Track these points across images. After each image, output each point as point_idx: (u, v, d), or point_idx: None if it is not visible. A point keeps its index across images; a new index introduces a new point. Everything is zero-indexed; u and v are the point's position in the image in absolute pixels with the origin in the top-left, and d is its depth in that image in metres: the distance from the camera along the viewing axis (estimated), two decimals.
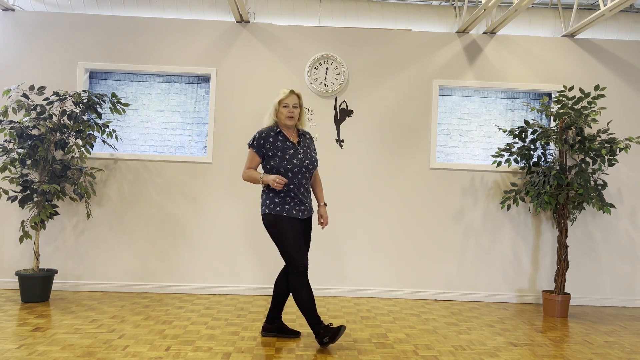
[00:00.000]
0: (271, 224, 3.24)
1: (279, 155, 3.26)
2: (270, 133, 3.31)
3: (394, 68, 5.00)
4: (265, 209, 3.28)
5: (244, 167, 3.36)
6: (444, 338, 3.58)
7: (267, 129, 3.34)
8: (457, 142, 5.10)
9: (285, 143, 3.30)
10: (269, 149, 3.28)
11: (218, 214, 4.86)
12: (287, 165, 3.24)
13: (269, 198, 3.27)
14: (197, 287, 4.81)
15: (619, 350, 3.46)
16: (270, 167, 3.28)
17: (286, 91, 3.33)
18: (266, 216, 3.27)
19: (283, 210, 3.24)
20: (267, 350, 3.18)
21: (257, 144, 3.30)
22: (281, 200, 3.25)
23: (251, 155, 3.33)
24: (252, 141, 3.32)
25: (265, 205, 3.28)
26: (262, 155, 3.30)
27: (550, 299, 4.45)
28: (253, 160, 3.32)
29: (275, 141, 3.28)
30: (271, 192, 3.28)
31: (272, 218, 3.24)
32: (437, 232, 4.95)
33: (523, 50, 5.06)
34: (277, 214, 3.23)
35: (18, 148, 4.29)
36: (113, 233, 4.81)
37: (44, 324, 3.60)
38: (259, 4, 4.98)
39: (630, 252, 4.99)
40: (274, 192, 3.27)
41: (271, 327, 3.47)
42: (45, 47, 4.87)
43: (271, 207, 3.25)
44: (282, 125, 3.34)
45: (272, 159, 3.26)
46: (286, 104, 3.30)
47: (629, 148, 4.38)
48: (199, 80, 5.01)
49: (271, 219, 3.24)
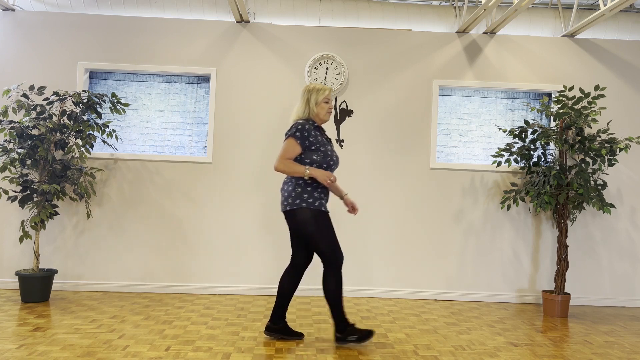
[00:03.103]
0: (310, 219, 3.13)
1: (322, 151, 3.20)
2: (312, 126, 3.23)
3: (394, 68, 5.01)
4: (301, 203, 3.13)
5: (278, 157, 3.16)
6: (444, 338, 3.58)
7: (306, 122, 3.22)
8: (457, 142, 5.10)
9: (323, 138, 3.27)
10: (313, 143, 3.18)
11: (218, 214, 4.86)
12: (330, 161, 3.22)
13: (307, 192, 3.16)
14: (197, 287, 4.81)
15: (619, 350, 3.46)
16: (311, 161, 3.18)
17: (327, 87, 3.29)
18: (302, 211, 3.13)
19: (322, 205, 3.18)
20: (267, 350, 3.18)
21: (301, 135, 3.15)
22: (319, 195, 3.18)
23: (292, 145, 3.16)
24: (294, 131, 3.16)
25: (302, 199, 3.14)
26: (304, 148, 3.18)
27: (550, 299, 4.46)
28: (293, 151, 3.16)
29: (316, 135, 3.22)
30: (309, 187, 3.17)
31: (312, 213, 3.14)
32: (437, 232, 4.95)
33: (523, 50, 5.06)
34: (316, 208, 3.15)
35: (18, 148, 4.29)
36: (113, 233, 4.81)
37: (44, 324, 3.60)
38: (259, 4, 4.98)
39: (630, 252, 4.99)
40: (312, 186, 3.17)
41: (276, 327, 3.39)
42: (45, 47, 4.87)
43: (309, 201, 3.15)
44: (319, 120, 3.29)
45: (315, 153, 3.19)
46: (328, 100, 3.28)
47: (629, 148, 4.39)
48: (199, 80, 5.01)
49: (310, 214, 3.13)
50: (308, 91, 3.28)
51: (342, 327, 3.25)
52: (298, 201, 3.15)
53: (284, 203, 3.21)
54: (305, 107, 3.27)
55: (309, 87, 3.30)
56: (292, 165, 3.15)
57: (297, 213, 3.15)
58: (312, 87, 3.29)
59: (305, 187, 3.17)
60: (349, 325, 3.27)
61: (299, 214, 3.15)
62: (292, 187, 3.20)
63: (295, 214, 3.16)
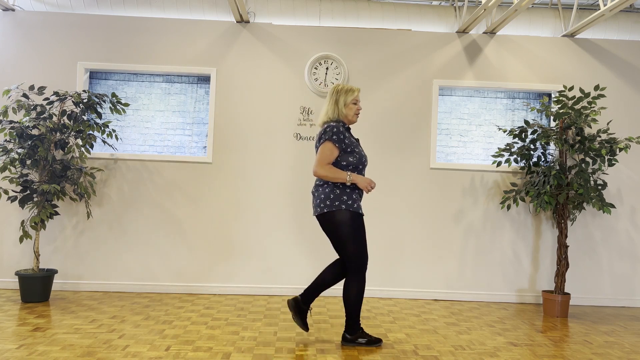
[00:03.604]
0: (349, 221, 3.12)
1: (357, 152, 3.19)
2: (344, 128, 3.21)
3: (394, 68, 5.01)
4: (341, 205, 3.11)
5: (317, 162, 3.13)
6: (444, 338, 3.58)
7: (338, 124, 3.19)
8: (457, 142, 5.10)
9: (354, 139, 3.27)
10: (348, 145, 3.17)
11: (218, 214, 4.85)
12: (364, 162, 3.23)
13: (346, 194, 3.14)
14: (197, 287, 4.81)
15: (619, 350, 3.46)
16: (347, 163, 3.16)
17: (356, 88, 3.27)
18: (342, 212, 3.12)
19: (359, 208, 3.18)
20: (267, 350, 3.18)
21: (338, 138, 3.13)
22: (357, 197, 3.18)
23: (330, 149, 3.13)
24: (331, 135, 3.12)
25: (341, 201, 3.12)
26: (341, 150, 3.15)
27: (550, 299, 4.45)
28: (332, 155, 3.13)
29: (350, 137, 3.22)
30: (347, 188, 3.16)
31: (350, 215, 3.12)
32: (437, 232, 4.95)
33: (523, 50, 5.06)
34: (355, 211, 3.14)
35: (18, 148, 4.29)
36: (113, 233, 4.81)
37: (44, 324, 3.60)
38: (259, 4, 4.98)
39: (630, 252, 4.99)
40: (350, 188, 3.17)
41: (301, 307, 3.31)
42: (45, 47, 4.87)
43: (349, 203, 3.13)
44: (347, 121, 3.28)
45: (351, 155, 3.17)
46: (356, 101, 3.26)
47: (629, 148, 4.38)
48: (199, 80, 5.01)
49: (349, 215, 3.12)
50: (337, 92, 3.25)
51: (353, 331, 3.27)
52: (337, 203, 3.13)
53: (321, 205, 3.17)
54: (335, 108, 3.24)
55: (337, 87, 3.27)
56: (335, 172, 3.13)
57: (337, 214, 3.13)
58: (340, 88, 3.26)
59: (343, 189, 3.16)
60: (361, 329, 3.29)
61: (338, 215, 3.13)
62: (329, 189, 3.16)
63: (335, 216, 3.13)
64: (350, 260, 3.17)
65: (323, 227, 3.22)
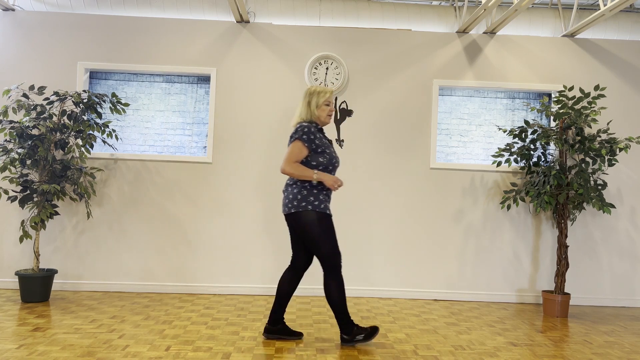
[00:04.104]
0: (315, 221, 3.14)
1: (327, 153, 3.22)
2: (316, 128, 3.24)
3: (394, 68, 5.01)
4: (307, 205, 3.14)
5: (285, 160, 3.16)
6: (444, 338, 3.58)
7: (310, 124, 3.23)
8: (457, 142, 5.10)
9: (327, 140, 3.29)
10: (319, 145, 3.19)
11: (218, 214, 4.86)
12: (335, 163, 3.25)
13: (312, 194, 3.17)
14: (197, 287, 4.81)
15: (619, 350, 3.46)
16: (317, 163, 3.19)
17: (328, 89, 3.30)
18: (308, 213, 3.14)
19: (327, 208, 3.19)
20: (267, 350, 3.18)
21: (308, 138, 3.16)
22: (324, 198, 3.19)
23: (299, 147, 3.16)
24: (301, 134, 3.16)
25: (308, 201, 3.14)
26: (310, 150, 3.18)
27: (550, 299, 4.45)
28: (300, 154, 3.16)
29: (321, 138, 3.24)
30: (315, 189, 3.18)
31: (317, 216, 3.14)
32: (437, 232, 4.95)
33: (523, 50, 5.06)
34: (321, 211, 3.16)
35: (18, 148, 4.29)
36: (113, 233, 4.81)
37: (44, 324, 3.60)
38: (259, 4, 4.98)
39: (630, 252, 4.99)
40: (317, 188, 3.19)
41: (275, 328, 3.39)
42: (45, 47, 4.87)
43: (315, 204, 3.15)
44: (320, 122, 3.30)
45: (322, 155, 3.20)
46: (329, 102, 3.28)
47: (629, 148, 4.38)
48: (199, 80, 5.01)
49: (315, 216, 3.14)
50: (309, 94, 3.29)
51: (349, 330, 3.27)
52: (304, 204, 3.15)
53: (288, 205, 3.20)
54: (307, 110, 3.27)
55: (310, 89, 3.30)
56: (301, 169, 3.15)
57: (303, 215, 3.16)
58: (313, 90, 3.29)
59: (311, 189, 3.18)
60: (355, 326, 3.29)
61: (304, 216, 3.15)
62: (297, 190, 3.19)
63: (301, 217, 3.16)
64: (324, 260, 3.19)
65: (290, 227, 3.26)
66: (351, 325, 3.27)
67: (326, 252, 3.17)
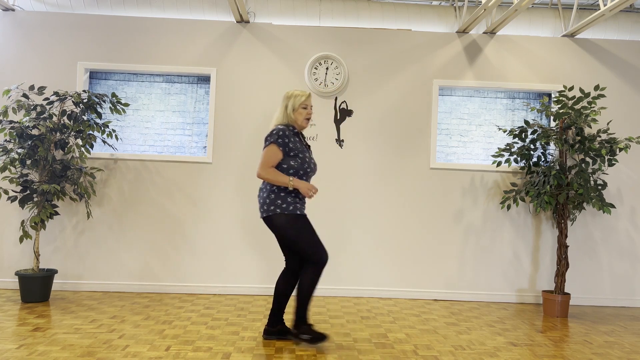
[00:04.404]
0: (287, 224, 3.16)
1: (301, 157, 3.21)
2: (291, 131, 3.23)
3: (394, 68, 5.01)
4: (276, 209, 3.16)
5: (261, 165, 3.16)
6: (444, 338, 3.58)
7: (286, 128, 3.22)
8: (457, 142, 5.10)
9: (302, 145, 3.28)
10: (292, 149, 3.19)
11: (218, 214, 4.86)
12: (307, 168, 3.23)
13: (280, 198, 3.18)
14: (197, 287, 4.81)
15: (619, 350, 3.46)
16: (288, 166, 3.19)
17: (305, 93, 3.29)
18: (279, 216, 3.16)
19: (297, 209, 3.20)
20: (267, 350, 3.18)
21: (282, 142, 3.16)
22: (293, 200, 3.20)
23: (274, 151, 3.16)
24: (275, 138, 3.16)
25: (276, 205, 3.17)
26: (285, 153, 3.19)
27: (550, 299, 4.45)
28: (275, 157, 3.16)
29: (296, 141, 3.23)
30: (282, 192, 3.19)
31: (287, 218, 3.16)
32: (437, 232, 4.95)
33: (523, 50, 5.06)
34: (291, 213, 3.17)
35: (18, 148, 4.29)
36: (113, 233, 4.81)
37: (44, 324, 3.60)
38: (259, 4, 4.98)
39: (630, 252, 4.99)
40: (286, 191, 3.19)
41: (273, 330, 3.40)
42: (45, 47, 4.87)
43: (283, 206, 3.16)
44: (298, 126, 3.30)
45: (294, 159, 3.19)
46: (306, 106, 3.28)
47: (629, 148, 4.38)
48: (199, 80, 5.01)
49: (285, 219, 3.16)
50: (287, 97, 3.29)
51: (299, 325, 3.28)
52: (273, 207, 3.18)
53: (261, 210, 3.24)
54: (284, 113, 3.28)
55: (288, 93, 3.31)
56: (277, 175, 3.15)
57: (273, 219, 3.18)
58: (290, 94, 3.30)
59: (278, 192, 3.19)
60: (307, 324, 3.28)
61: (275, 219, 3.18)
62: (266, 194, 3.22)
63: (272, 220, 3.19)
64: (308, 258, 3.21)
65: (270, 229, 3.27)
66: (304, 322, 3.28)
67: (306, 250, 3.19)
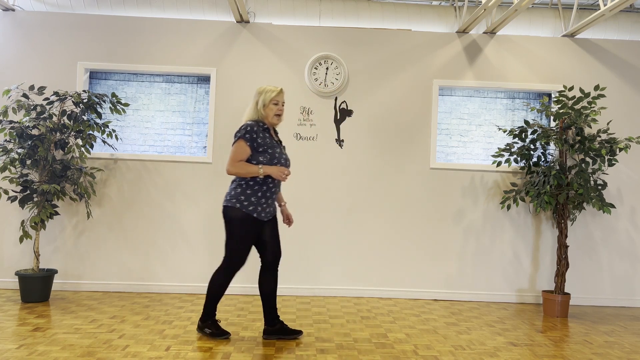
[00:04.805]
0: (237, 220, 3.18)
1: (269, 152, 3.20)
2: (260, 127, 3.23)
3: (394, 68, 5.00)
4: (235, 202, 3.18)
5: (229, 160, 3.17)
6: (444, 338, 3.58)
7: (255, 123, 3.23)
8: (457, 142, 5.10)
9: (272, 140, 3.27)
10: (260, 144, 3.19)
11: (218, 214, 4.85)
12: (277, 164, 3.23)
13: (244, 193, 3.19)
14: (197, 287, 4.80)
15: (619, 350, 3.46)
16: (257, 162, 3.18)
17: (276, 88, 3.28)
18: (234, 209, 3.18)
19: (254, 212, 3.20)
20: (267, 350, 3.18)
21: (250, 137, 3.16)
22: (257, 200, 3.20)
23: (242, 147, 3.17)
24: (243, 133, 3.17)
25: (237, 199, 3.18)
26: (253, 149, 3.18)
27: (550, 299, 4.45)
28: (244, 153, 3.17)
29: (264, 137, 3.22)
30: (249, 189, 3.19)
31: (240, 214, 3.18)
32: (437, 232, 4.95)
33: (523, 50, 5.06)
34: (248, 212, 3.18)
35: (18, 148, 4.29)
36: (113, 233, 4.81)
37: (44, 324, 3.60)
38: (259, 4, 4.98)
39: (630, 252, 4.99)
40: (252, 188, 3.20)
41: (273, 329, 3.40)
42: (45, 47, 4.87)
43: (245, 204, 3.18)
44: (268, 122, 3.30)
45: (262, 155, 3.19)
46: (277, 102, 3.27)
47: (629, 148, 4.38)
48: (199, 80, 5.01)
49: (239, 214, 3.17)
50: (258, 93, 3.29)
51: (206, 319, 3.36)
52: (234, 200, 3.20)
53: (224, 199, 3.27)
54: (254, 109, 3.28)
55: (260, 88, 3.31)
56: (245, 166, 3.17)
57: (229, 210, 3.21)
58: (262, 89, 3.29)
59: (245, 189, 3.21)
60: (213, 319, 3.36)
61: (230, 211, 3.20)
62: (234, 186, 3.25)
63: (227, 211, 3.21)
64: (227, 256, 3.25)
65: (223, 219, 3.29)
66: (210, 317, 3.35)
67: (233, 250, 3.24)
